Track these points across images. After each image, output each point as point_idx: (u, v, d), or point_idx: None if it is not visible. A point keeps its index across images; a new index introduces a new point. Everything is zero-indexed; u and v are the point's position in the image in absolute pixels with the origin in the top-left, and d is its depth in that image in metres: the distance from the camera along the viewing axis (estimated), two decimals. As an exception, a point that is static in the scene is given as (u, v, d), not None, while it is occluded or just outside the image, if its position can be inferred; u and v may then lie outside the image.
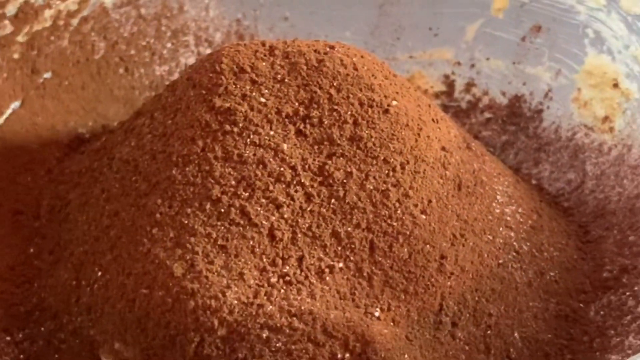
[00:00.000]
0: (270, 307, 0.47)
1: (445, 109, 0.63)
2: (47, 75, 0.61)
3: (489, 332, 0.51)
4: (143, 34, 0.64)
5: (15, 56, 0.59)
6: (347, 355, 0.46)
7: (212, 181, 0.50)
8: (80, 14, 0.61)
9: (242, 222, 0.49)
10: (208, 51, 0.64)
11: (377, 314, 0.48)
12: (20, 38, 0.59)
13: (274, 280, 0.48)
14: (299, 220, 0.49)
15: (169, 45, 0.65)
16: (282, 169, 0.50)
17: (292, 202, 0.50)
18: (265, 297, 0.47)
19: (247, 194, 0.50)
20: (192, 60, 0.64)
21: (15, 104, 0.59)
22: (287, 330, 0.46)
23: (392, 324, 0.48)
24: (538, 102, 0.63)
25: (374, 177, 0.50)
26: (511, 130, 0.63)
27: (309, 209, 0.50)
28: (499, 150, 0.63)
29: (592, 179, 0.59)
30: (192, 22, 0.65)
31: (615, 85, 0.59)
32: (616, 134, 0.59)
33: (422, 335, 0.49)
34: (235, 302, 0.47)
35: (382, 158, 0.51)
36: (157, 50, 0.64)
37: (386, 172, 0.51)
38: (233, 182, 0.50)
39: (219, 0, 0.65)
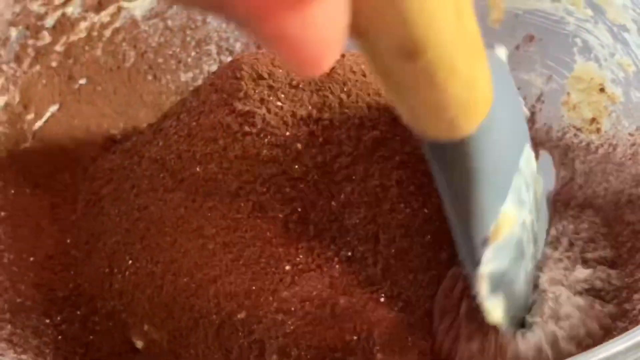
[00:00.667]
0: (285, 292, 0.47)
1: (446, 112, 0.63)
2: (83, 81, 0.61)
3: None
4: (170, 43, 0.63)
5: (54, 64, 0.59)
6: (355, 337, 0.46)
7: (232, 177, 0.50)
8: (113, 26, 0.61)
9: (259, 214, 0.49)
10: (229, 59, 0.64)
11: (382, 299, 0.48)
12: (58, 48, 0.59)
13: (288, 267, 0.48)
14: (311, 213, 0.49)
15: (193, 54, 0.64)
16: (296, 166, 0.50)
17: (304, 197, 0.50)
18: (280, 284, 0.47)
19: (264, 189, 0.50)
20: (214, 68, 0.64)
21: (54, 108, 0.59)
22: (300, 314, 0.47)
23: (395, 309, 0.48)
24: (531, 105, 0.62)
25: (379, 175, 0.50)
26: (506, 131, 0.63)
27: (319, 203, 0.50)
28: (495, 149, 0.63)
29: (581, 175, 0.59)
30: (214, 33, 0.65)
31: (602, 90, 0.59)
32: (603, 134, 0.59)
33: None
34: (253, 287, 0.47)
35: (386, 157, 0.51)
36: (182, 58, 0.64)
37: (389, 169, 0.50)
38: (251, 179, 0.50)
39: (238, 12, 0.65)
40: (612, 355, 0.41)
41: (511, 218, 0.45)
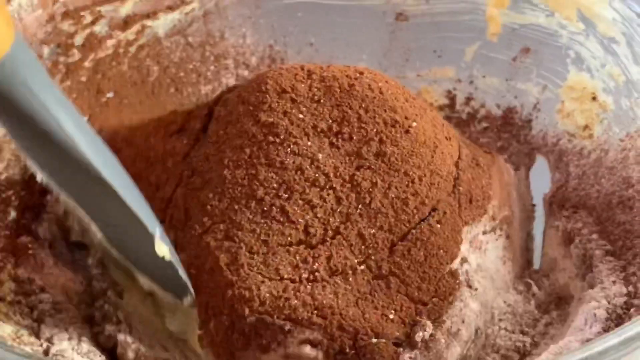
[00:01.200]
0: (296, 301, 0.48)
1: (449, 120, 0.63)
2: (110, 94, 0.61)
3: None
4: (190, 58, 0.64)
5: (83, 79, 0.60)
6: (353, 352, 0.47)
7: (257, 183, 0.51)
8: (137, 43, 0.62)
9: (281, 219, 0.50)
10: (246, 73, 0.64)
11: (391, 316, 0.48)
12: (87, 64, 0.60)
13: (304, 276, 0.49)
14: (330, 219, 0.50)
15: (212, 68, 0.64)
16: (317, 175, 0.51)
17: (324, 204, 0.50)
18: (292, 292, 0.48)
19: (286, 196, 0.50)
20: (232, 81, 0.64)
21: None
22: (307, 324, 0.47)
23: (403, 326, 0.48)
24: (528, 113, 0.63)
25: (396, 187, 0.51)
26: (505, 137, 0.64)
27: (338, 210, 0.50)
28: (495, 154, 0.63)
29: (575, 178, 0.59)
30: (231, 48, 0.65)
31: (594, 99, 0.60)
32: (595, 140, 0.59)
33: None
34: (267, 295, 0.48)
35: (403, 171, 0.51)
36: (202, 72, 0.64)
37: (406, 183, 0.51)
38: (275, 185, 0.51)
39: (254, 29, 0.65)
40: (604, 350, 0.42)
41: None
